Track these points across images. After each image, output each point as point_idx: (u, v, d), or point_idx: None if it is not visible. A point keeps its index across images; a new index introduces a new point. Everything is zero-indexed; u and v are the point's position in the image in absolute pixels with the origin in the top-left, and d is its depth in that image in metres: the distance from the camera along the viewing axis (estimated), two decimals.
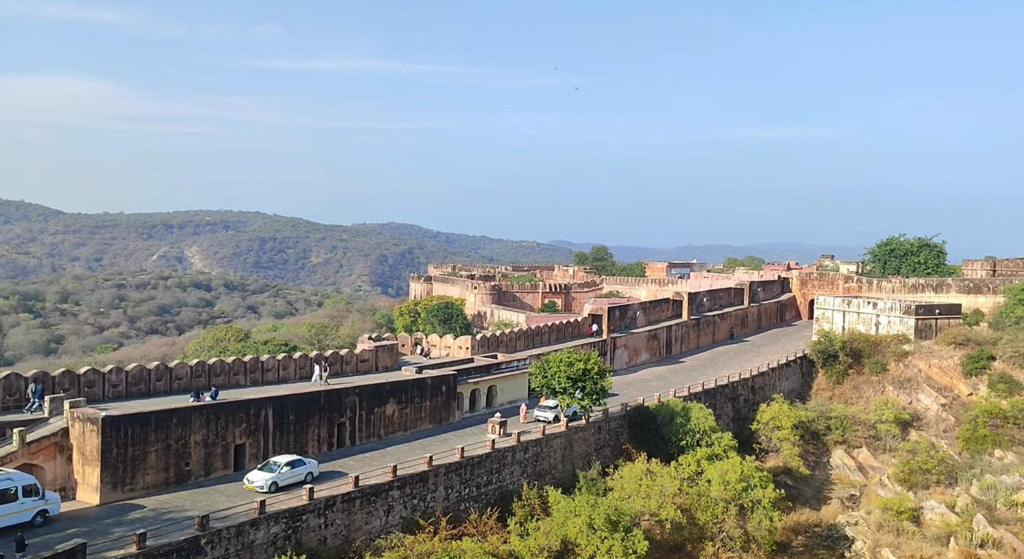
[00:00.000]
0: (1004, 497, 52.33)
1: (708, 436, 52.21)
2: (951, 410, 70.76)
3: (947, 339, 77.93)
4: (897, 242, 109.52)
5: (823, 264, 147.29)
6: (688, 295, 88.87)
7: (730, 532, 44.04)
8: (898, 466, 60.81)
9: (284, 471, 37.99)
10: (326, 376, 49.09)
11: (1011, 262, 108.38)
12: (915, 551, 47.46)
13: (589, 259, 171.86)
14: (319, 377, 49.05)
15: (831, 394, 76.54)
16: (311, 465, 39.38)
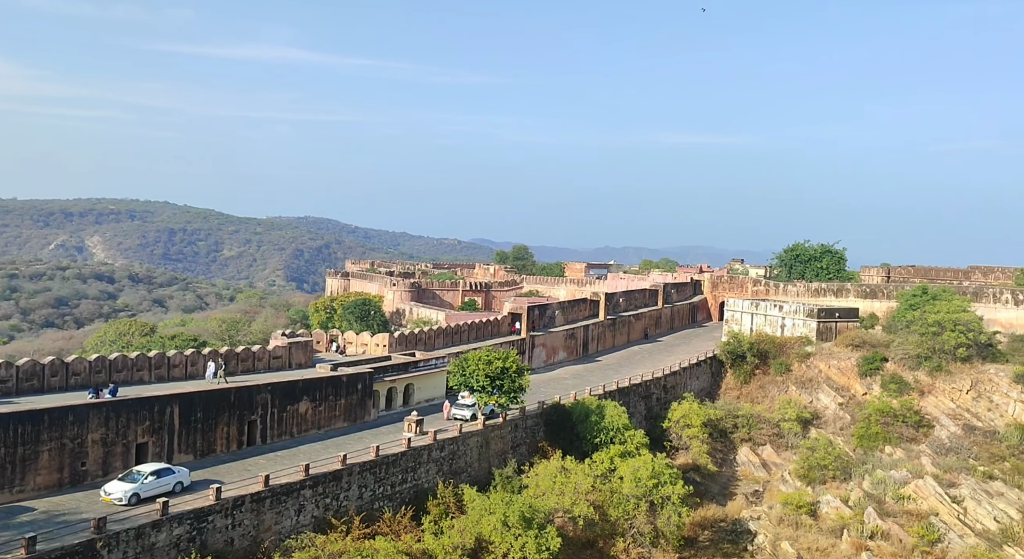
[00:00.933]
0: (893, 491, 55.54)
1: (621, 434, 53.31)
2: (847, 409, 74.57)
3: (845, 341, 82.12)
4: (802, 248, 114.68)
5: (733, 268, 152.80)
6: (605, 295, 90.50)
7: (640, 528, 45.11)
8: (798, 463, 63.62)
9: (148, 481, 34.69)
10: (222, 374, 47.09)
11: (904, 269, 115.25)
12: (811, 543, 49.86)
13: (510, 258, 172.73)
14: (213, 375, 46.97)
15: (739, 393, 79.43)
16: (181, 474, 36.25)
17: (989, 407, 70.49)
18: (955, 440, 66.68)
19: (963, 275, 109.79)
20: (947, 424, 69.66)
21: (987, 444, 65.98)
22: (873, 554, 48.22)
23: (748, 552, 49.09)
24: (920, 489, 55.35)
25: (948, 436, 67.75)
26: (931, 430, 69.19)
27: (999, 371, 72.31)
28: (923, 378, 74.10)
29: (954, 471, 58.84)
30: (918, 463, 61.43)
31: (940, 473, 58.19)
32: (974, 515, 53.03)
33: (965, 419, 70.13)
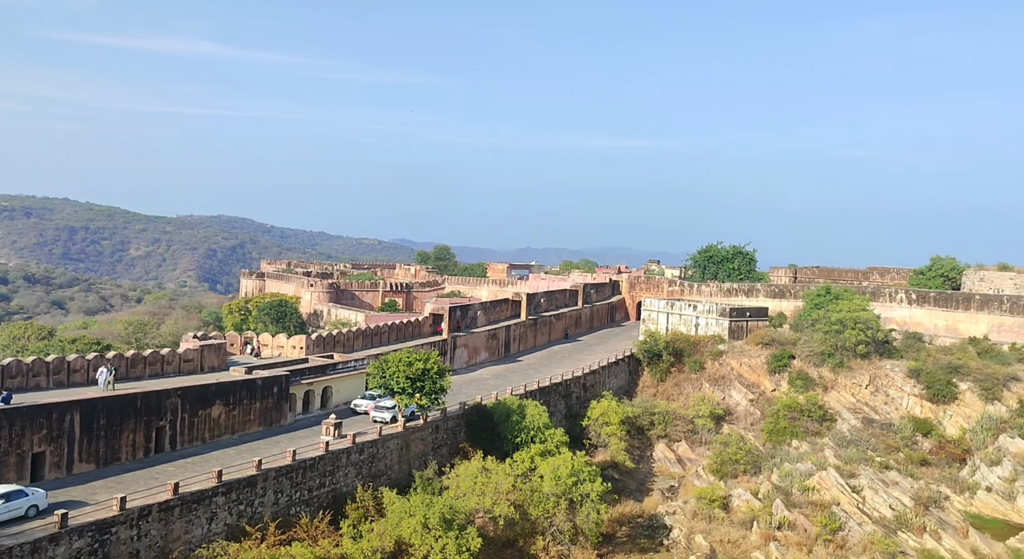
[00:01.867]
0: (799, 483, 58.06)
1: (542, 433, 53.80)
2: (758, 405, 77.56)
3: (755, 340, 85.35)
4: (715, 249, 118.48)
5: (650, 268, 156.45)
6: (527, 296, 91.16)
7: (560, 526, 45.63)
8: (712, 458, 65.72)
9: None
10: (111, 380, 44.95)
11: (809, 270, 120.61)
12: (724, 536, 51.56)
13: (431, 259, 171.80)
14: (104, 382, 44.88)
15: (655, 391, 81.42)
16: (36, 497, 32.45)
17: (886, 401, 74.67)
18: (855, 433, 70.29)
19: (863, 276, 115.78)
20: (848, 418, 73.38)
21: (884, 436, 69.87)
22: (780, 544, 50.26)
23: (664, 547, 50.35)
24: (823, 481, 58.05)
25: (849, 429, 71.37)
26: (834, 424, 72.74)
27: (894, 367, 76.69)
28: (827, 374, 77.80)
29: (854, 462, 61.95)
30: (822, 456, 64.39)
31: (842, 465, 61.18)
32: (872, 503, 56.02)
33: (864, 413, 74.07)
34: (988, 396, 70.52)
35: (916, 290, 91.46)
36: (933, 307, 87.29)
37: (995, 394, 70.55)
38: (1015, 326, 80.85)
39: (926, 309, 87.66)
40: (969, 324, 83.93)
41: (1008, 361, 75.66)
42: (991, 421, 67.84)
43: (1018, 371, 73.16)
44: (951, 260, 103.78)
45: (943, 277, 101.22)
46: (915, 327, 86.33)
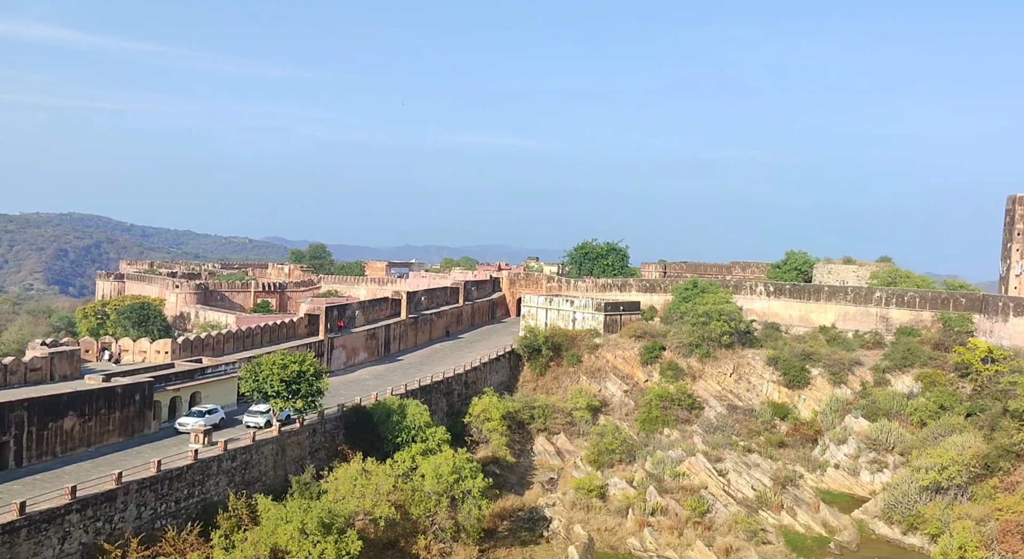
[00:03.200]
0: (670, 469, 60.82)
1: (423, 432, 53.49)
2: (632, 395, 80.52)
3: (629, 333, 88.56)
4: (590, 246, 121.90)
5: (529, 265, 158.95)
6: (407, 294, 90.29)
7: (442, 524, 45.56)
8: (589, 449, 67.63)
9: None
10: None
11: (678, 265, 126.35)
12: (601, 524, 53.27)
13: (306, 257, 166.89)
14: None
15: (535, 385, 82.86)
16: None
17: (748, 388, 79.47)
18: (721, 419, 74.44)
19: (726, 270, 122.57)
20: (715, 405, 77.55)
21: (746, 421, 74.40)
22: (654, 529, 52.46)
23: (544, 538, 51.34)
24: (693, 466, 61.11)
25: (715, 416, 75.47)
26: (702, 411, 76.68)
27: (755, 355, 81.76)
28: (695, 364, 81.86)
29: (720, 447, 65.63)
30: (691, 442, 67.78)
31: (709, 450, 64.64)
32: (736, 485, 59.52)
33: (729, 400, 78.54)
34: (836, 380, 76.51)
35: (773, 283, 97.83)
36: (788, 298, 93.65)
37: (842, 378, 76.66)
38: (858, 315, 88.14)
39: (782, 300, 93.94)
40: (819, 314, 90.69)
41: (852, 347, 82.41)
42: (838, 403, 73.72)
43: (861, 356, 79.82)
44: (803, 254, 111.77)
45: (797, 270, 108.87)
46: (773, 318, 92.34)
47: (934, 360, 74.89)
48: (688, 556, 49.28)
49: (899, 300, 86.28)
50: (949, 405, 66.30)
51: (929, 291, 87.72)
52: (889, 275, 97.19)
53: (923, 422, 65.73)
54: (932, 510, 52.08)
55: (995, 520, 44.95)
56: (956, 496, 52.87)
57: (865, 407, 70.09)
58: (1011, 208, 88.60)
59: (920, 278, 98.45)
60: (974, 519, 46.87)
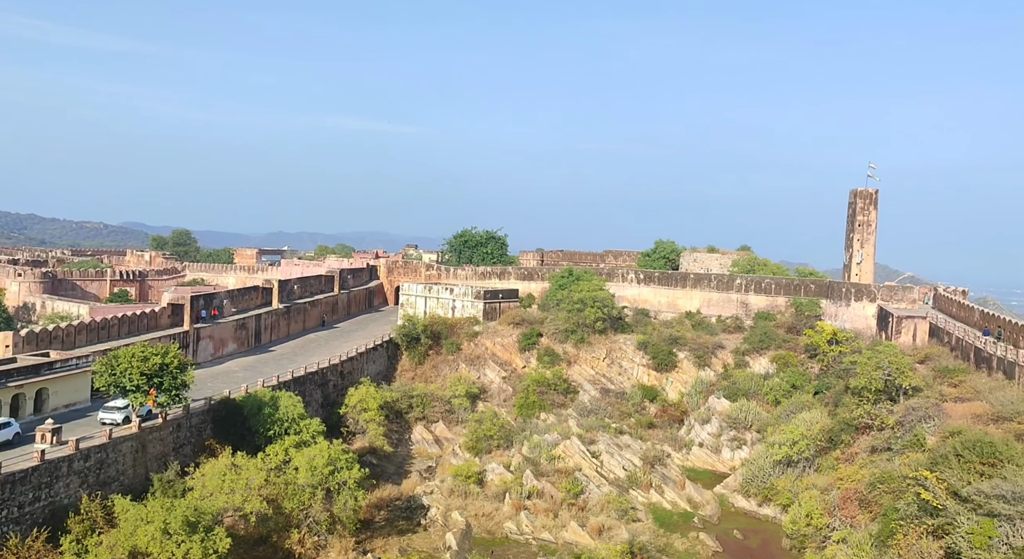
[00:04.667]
0: (546, 453, 62.22)
1: (297, 424, 51.97)
2: (510, 382, 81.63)
3: (507, 320, 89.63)
4: (470, 234, 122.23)
5: (408, 253, 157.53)
6: (279, 283, 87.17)
7: (317, 517, 44.54)
8: (467, 436, 68.06)
9: None
10: None
11: (554, 253, 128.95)
12: (479, 510, 53.79)
13: (169, 244, 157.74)
14: None
15: (414, 374, 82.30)
16: None
17: (619, 372, 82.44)
18: (594, 402, 76.83)
19: (600, 258, 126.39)
20: (589, 389, 79.94)
21: (618, 404, 77.18)
22: (530, 512, 53.56)
23: (422, 526, 51.28)
24: (568, 449, 62.78)
25: (589, 399, 77.82)
26: (577, 395, 78.84)
27: (627, 340, 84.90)
28: (570, 349, 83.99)
29: (594, 430, 67.73)
30: (566, 426, 69.56)
31: (583, 433, 66.59)
32: (608, 466, 61.71)
33: (602, 383, 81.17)
34: (700, 363, 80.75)
35: (643, 270, 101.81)
36: (657, 286, 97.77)
37: (706, 361, 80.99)
38: (720, 301, 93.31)
39: (652, 287, 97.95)
40: (686, 300, 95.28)
41: (715, 332, 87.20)
42: (703, 385, 77.88)
43: (723, 340, 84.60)
44: (671, 243, 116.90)
45: (665, 259, 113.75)
46: (643, 304, 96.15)
47: (787, 342, 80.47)
48: (563, 537, 50.66)
49: (757, 287, 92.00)
50: (800, 384, 71.50)
51: (783, 278, 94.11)
52: (749, 263, 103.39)
53: (777, 401, 70.52)
54: (784, 482, 56.06)
55: (837, 489, 48.96)
56: (805, 468, 57.15)
57: (727, 388, 74.42)
58: (853, 201, 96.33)
59: (776, 266, 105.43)
60: (819, 489, 50.85)
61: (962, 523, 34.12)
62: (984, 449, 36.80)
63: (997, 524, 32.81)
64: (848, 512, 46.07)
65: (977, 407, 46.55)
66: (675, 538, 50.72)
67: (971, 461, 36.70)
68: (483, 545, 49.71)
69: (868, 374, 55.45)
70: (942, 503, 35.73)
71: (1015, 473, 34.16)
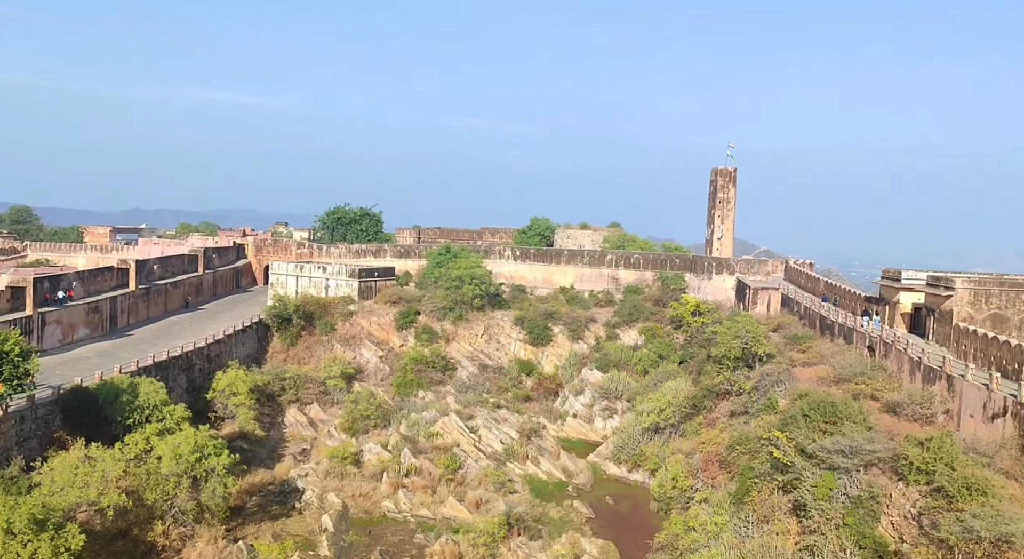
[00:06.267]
0: (424, 430, 62.24)
1: (159, 411, 49.18)
2: (387, 361, 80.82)
3: (384, 298, 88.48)
4: (343, 211, 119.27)
5: (277, 231, 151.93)
6: (136, 263, 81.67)
7: (182, 506, 42.52)
8: (343, 417, 66.94)
9: None
10: None
11: (432, 230, 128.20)
12: (356, 490, 53.19)
13: (6, 222, 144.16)
14: None
15: (286, 356, 79.81)
16: None
17: (497, 347, 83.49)
18: (473, 378, 77.51)
19: (477, 235, 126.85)
20: (467, 365, 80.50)
21: (496, 379, 78.27)
22: (408, 490, 53.50)
23: (296, 510, 50.11)
24: (446, 425, 63.06)
25: (468, 376, 78.42)
26: (455, 372, 79.24)
27: (504, 316, 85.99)
28: (448, 327, 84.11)
29: (472, 405, 68.40)
30: (445, 402, 69.81)
31: (461, 408, 67.07)
32: (486, 440, 62.54)
33: (480, 359, 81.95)
34: (574, 336, 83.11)
35: (520, 247, 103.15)
36: (533, 262, 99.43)
37: (579, 334, 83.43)
38: (593, 276, 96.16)
39: (528, 264, 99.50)
40: (560, 276, 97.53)
41: (588, 306, 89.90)
42: (576, 357, 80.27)
43: (595, 314, 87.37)
44: (546, 220, 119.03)
45: (540, 235, 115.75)
46: (520, 280, 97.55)
47: (655, 315, 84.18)
48: (441, 512, 50.97)
49: (627, 262, 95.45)
50: (666, 354, 75.06)
51: (651, 253, 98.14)
52: (619, 239, 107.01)
53: (646, 370, 73.77)
54: (651, 448, 58.88)
55: (700, 452, 51.98)
56: (671, 434, 60.26)
57: (599, 360, 77.03)
58: (714, 179, 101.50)
59: (644, 242, 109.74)
60: (684, 453, 53.81)
61: (807, 477, 37.08)
62: (827, 409, 40.05)
63: (837, 477, 35.89)
64: (710, 473, 49.02)
65: (821, 370, 50.56)
66: (550, 507, 52.22)
67: (816, 420, 39.84)
68: (360, 525, 49.26)
69: (727, 343, 58.91)
70: (791, 460, 38.65)
71: (852, 430, 37.43)
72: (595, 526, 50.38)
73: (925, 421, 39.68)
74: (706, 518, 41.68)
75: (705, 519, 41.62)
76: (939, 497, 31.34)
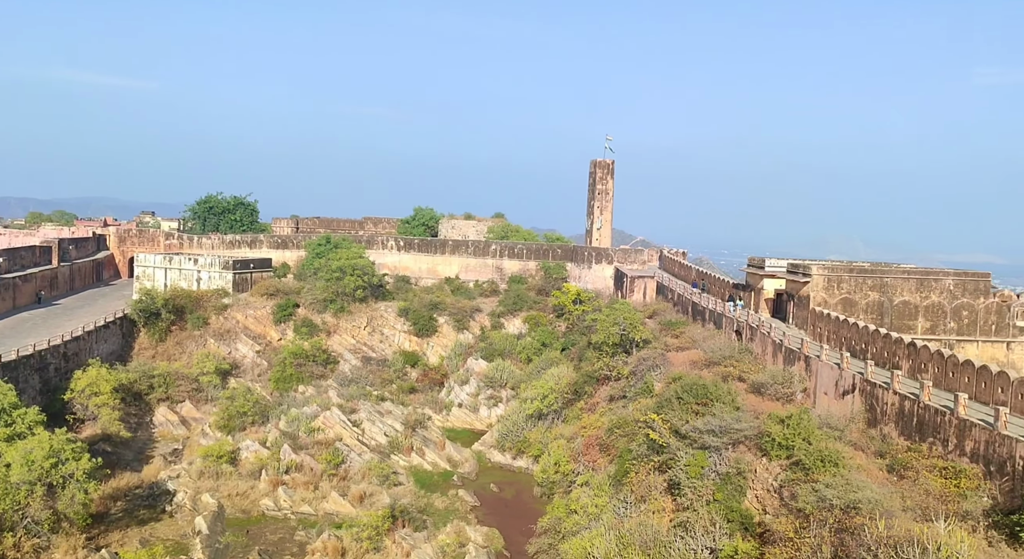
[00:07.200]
0: (305, 426, 60.57)
1: (8, 414, 45.26)
2: (265, 355, 77.97)
3: (260, 291, 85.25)
4: (215, 200, 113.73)
5: (143, 221, 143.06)
6: None
7: (36, 516, 39.45)
8: (218, 414, 64.14)
9: None
10: None
11: (311, 220, 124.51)
12: (232, 489, 51.16)
13: None
14: None
15: (154, 352, 75.45)
16: None
17: (381, 339, 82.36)
18: (356, 371, 76.12)
19: (359, 225, 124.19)
20: (350, 358, 78.97)
21: (380, 371, 77.22)
22: (288, 487, 51.98)
23: (167, 513, 47.63)
24: (328, 420, 61.65)
25: (350, 369, 76.93)
26: (337, 365, 77.55)
27: (388, 307, 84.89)
28: (329, 319, 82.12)
29: (355, 399, 67.19)
30: (327, 397, 68.22)
31: (344, 402, 65.77)
32: (370, 434, 61.68)
33: (363, 352, 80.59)
34: (459, 327, 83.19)
35: (403, 237, 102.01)
36: (417, 252, 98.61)
37: (464, 324, 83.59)
38: (478, 266, 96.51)
39: (412, 254, 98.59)
40: (445, 266, 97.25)
41: (473, 296, 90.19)
42: (462, 348, 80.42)
43: (480, 304, 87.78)
44: (430, 210, 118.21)
45: (424, 225, 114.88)
46: (404, 271, 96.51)
47: (538, 304, 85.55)
48: (323, 508, 49.86)
49: (511, 252, 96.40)
50: (549, 342, 76.49)
51: (534, 243, 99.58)
52: (503, 230, 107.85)
53: (529, 358, 74.90)
54: (535, 435, 59.94)
55: (581, 437, 53.38)
56: (553, 420, 61.54)
57: (484, 349, 77.50)
58: (593, 171, 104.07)
59: (527, 232, 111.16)
60: (566, 438, 55.11)
61: (681, 457, 38.86)
62: (698, 391, 42.08)
63: (708, 455, 37.81)
64: (590, 457, 50.45)
65: (693, 354, 53.05)
66: (436, 497, 52.17)
67: (689, 402, 41.79)
68: (238, 525, 47.40)
69: (606, 330, 60.71)
70: (666, 441, 40.37)
71: (721, 410, 39.53)
72: (480, 514, 50.78)
73: (786, 399, 42.46)
74: (587, 500, 42.88)
75: (586, 501, 42.82)
76: (797, 470, 33.61)
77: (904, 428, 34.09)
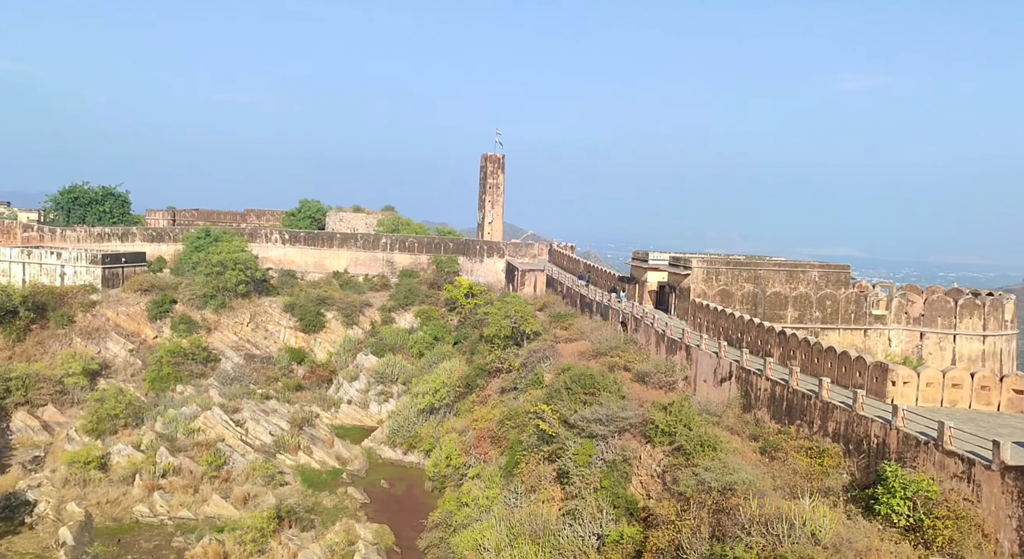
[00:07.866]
0: (184, 427, 57.71)
1: None
2: (139, 354, 73.69)
3: (133, 286, 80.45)
4: (81, 190, 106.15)
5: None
6: None
7: None
8: (86, 418, 60.18)
9: None
10: None
11: (188, 212, 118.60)
12: (102, 497, 48.11)
13: None
14: None
15: (11, 353, 70.00)
16: None
17: (265, 336, 79.54)
18: (239, 369, 73.18)
19: (241, 218, 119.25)
20: (232, 356, 75.81)
21: (265, 369, 74.58)
22: (166, 491, 49.40)
23: (27, 525, 44.24)
24: (208, 420, 58.99)
25: (233, 367, 73.87)
26: (218, 364, 74.28)
27: (272, 303, 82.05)
28: (210, 316, 78.51)
29: (238, 398, 64.60)
30: (207, 396, 65.27)
31: (226, 402, 63.11)
32: (254, 433, 59.50)
33: (247, 349, 77.57)
34: (348, 322, 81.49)
35: (289, 230, 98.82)
36: (304, 246, 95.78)
37: (354, 320, 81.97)
38: (367, 260, 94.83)
39: (298, 248, 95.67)
40: (333, 260, 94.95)
41: (363, 290, 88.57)
42: (351, 343, 78.81)
43: (370, 298, 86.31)
44: (316, 202, 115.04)
45: (311, 218, 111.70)
46: (289, 265, 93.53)
47: (430, 298, 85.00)
48: (204, 511, 47.68)
49: (402, 245, 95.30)
50: (441, 336, 76.19)
51: (425, 237, 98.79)
52: (393, 223, 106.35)
53: (421, 353, 74.31)
54: (427, 429, 59.61)
55: (473, 429, 53.50)
56: (445, 414, 61.36)
57: (374, 344, 76.24)
58: (484, 165, 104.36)
59: (418, 225, 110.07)
60: (458, 431, 55.09)
61: (570, 446, 39.67)
62: (586, 381, 43.08)
63: (595, 444, 38.79)
64: (482, 449, 50.66)
65: (582, 346, 54.23)
66: (324, 496, 50.96)
67: (577, 392, 42.70)
68: (108, 534, 44.59)
69: (498, 323, 61.09)
70: (556, 431, 41.09)
71: (608, 399, 40.64)
72: (370, 511, 50.03)
73: (669, 387, 44.15)
74: (478, 493, 43.08)
75: (477, 494, 43.00)
76: (679, 455, 35.03)
77: (775, 412, 36.17)
